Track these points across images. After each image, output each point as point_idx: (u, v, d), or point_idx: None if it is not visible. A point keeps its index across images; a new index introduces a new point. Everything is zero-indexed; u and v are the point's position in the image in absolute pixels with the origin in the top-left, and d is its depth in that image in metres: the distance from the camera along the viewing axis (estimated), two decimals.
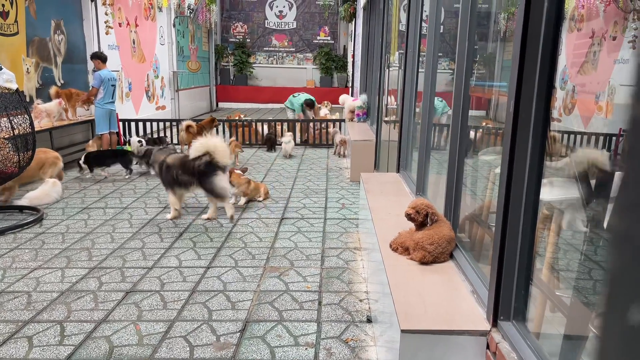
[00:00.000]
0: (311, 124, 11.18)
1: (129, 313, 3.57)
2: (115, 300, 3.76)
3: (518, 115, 1.96)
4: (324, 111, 12.73)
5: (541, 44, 1.89)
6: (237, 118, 11.27)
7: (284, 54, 21.08)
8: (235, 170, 6.44)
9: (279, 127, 10.99)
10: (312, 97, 11.85)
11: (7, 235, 5.17)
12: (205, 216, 5.79)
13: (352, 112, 10.22)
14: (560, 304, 2.13)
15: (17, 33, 7.57)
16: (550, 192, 2.27)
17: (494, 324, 2.12)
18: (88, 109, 9.26)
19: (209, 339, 3.23)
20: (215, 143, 5.56)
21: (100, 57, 8.69)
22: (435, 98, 4.18)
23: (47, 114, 7.88)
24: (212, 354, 3.06)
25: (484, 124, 3.55)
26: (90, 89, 8.72)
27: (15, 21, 7.51)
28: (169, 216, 5.78)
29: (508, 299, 2.09)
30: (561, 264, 2.26)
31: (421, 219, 2.98)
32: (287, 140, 9.78)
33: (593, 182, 2.28)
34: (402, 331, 2.14)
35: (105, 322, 3.44)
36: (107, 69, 8.79)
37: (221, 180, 5.56)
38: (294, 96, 11.92)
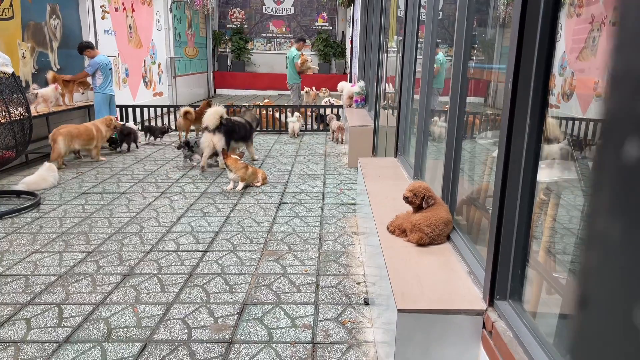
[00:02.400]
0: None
1: (127, 296, 3.58)
2: (113, 283, 3.77)
3: (516, 95, 1.95)
4: (326, 99, 12.73)
5: (540, 19, 1.88)
6: (269, 105, 11.41)
7: (282, 40, 20.96)
8: (231, 155, 6.44)
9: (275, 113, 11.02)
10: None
11: (4, 219, 5.17)
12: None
13: (351, 98, 10.20)
14: (556, 284, 2.14)
15: (12, 17, 7.50)
16: (549, 173, 2.28)
17: (490, 303, 2.13)
18: (83, 93, 9.19)
19: (207, 321, 3.24)
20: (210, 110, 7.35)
21: (88, 46, 8.64)
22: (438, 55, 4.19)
23: (43, 99, 7.84)
24: (210, 336, 3.08)
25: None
26: (82, 72, 8.68)
27: (11, 5, 7.43)
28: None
29: (504, 279, 2.10)
30: (557, 245, 2.27)
31: (419, 201, 2.98)
32: (293, 120, 10.17)
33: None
34: (399, 311, 2.15)
35: (104, 305, 3.45)
36: (101, 54, 8.73)
37: (201, 137, 7.42)
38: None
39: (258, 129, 10.14)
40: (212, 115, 7.18)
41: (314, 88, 14.11)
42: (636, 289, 1.07)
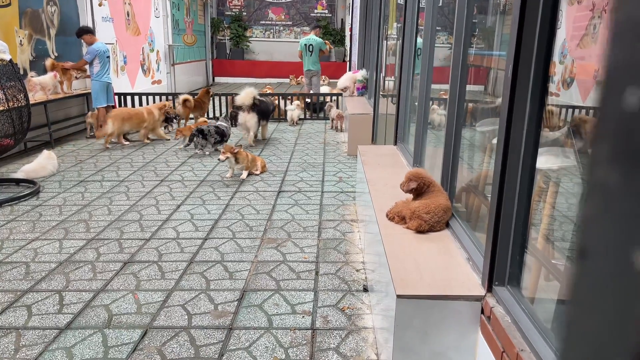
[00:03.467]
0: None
1: (127, 283, 3.60)
2: (113, 270, 3.79)
3: (516, 81, 1.95)
4: (325, 88, 12.67)
5: (541, 5, 1.87)
6: (269, 92, 11.31)
7: (281, 28, 20.83)
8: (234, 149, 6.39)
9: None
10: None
11: (4, 207, 5.18)
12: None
13: (355, 83, 10.10)
14: (555, 270, 2.15)
15: (9, 4, 7.43)
16: (547, 160, 2.28)
17: (489, 289, 2.14)
18: (78, 78, 9.11)
19: (207, 308, 3.26)
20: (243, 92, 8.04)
21: (88, 31, 8.58)
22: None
23: (41, 87, 7.79)
24: (210, 322, 3.10)
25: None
26: (81, 60, 8.62)
27: None
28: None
29: (503, 265, 2.11)
30: (556, 231, 2.28)
31: (420, 188, 2.99)
32: (292, 108, 10.26)
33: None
34: (398, 296, 2.16)
35: (104, 292, 3.46)
36: (100, 41, 8.67)
37: (240, 117, 8.17)
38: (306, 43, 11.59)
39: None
40: (247, 95, 7.95)
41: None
42: None
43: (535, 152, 2.06)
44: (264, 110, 8.28)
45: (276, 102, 10.78)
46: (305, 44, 11.54)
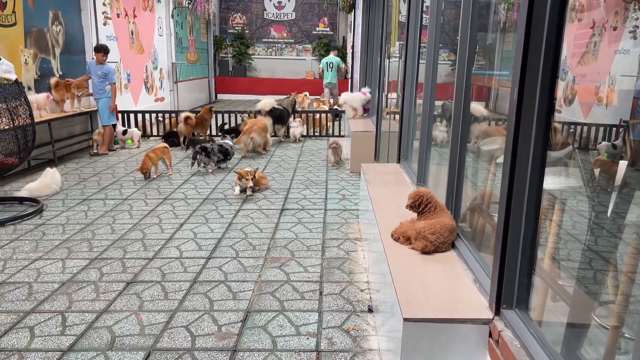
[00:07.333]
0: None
1: (130, 303, 3.57)
2: (116, 290, 3.76)
3: (522, 103, 1.95)
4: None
5: (546, 30, 1.88)
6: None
7: (283, 45, 20.99)
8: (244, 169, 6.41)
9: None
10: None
11: (7, 226, 5.17)
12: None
13: (355, 109, 9.85)
14: (563, 292, 2.13)
15: (15, 24, 7.51)
16: (553, 180, 2.27)
17: (497, 312, 2.12)
18: (80, 95, 9.13)
19: (211, 329, 3.23)
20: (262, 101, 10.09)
21: (107, 53, 8.71)
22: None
23: (37, 105, 7.73)
24: (214, 344, 3.07)
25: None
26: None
27: (13, 12, 7.45)
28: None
29: (511, 288, 2.08)
30: (564, 252, 2.26)
31: (417, 205, 2.99)
32: (295, 126, 10.55)
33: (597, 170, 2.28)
34: (405, 320, 2.14)
35: (107, 313, 3.44)
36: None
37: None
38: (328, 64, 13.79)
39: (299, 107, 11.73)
40: (267, 102, 10.03)
41: (307, 94, 14.46)
42: None
43: (542, 172, 2.05)
44: (278, 116, 10.11)
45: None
46: (327, 62, 13.91)
